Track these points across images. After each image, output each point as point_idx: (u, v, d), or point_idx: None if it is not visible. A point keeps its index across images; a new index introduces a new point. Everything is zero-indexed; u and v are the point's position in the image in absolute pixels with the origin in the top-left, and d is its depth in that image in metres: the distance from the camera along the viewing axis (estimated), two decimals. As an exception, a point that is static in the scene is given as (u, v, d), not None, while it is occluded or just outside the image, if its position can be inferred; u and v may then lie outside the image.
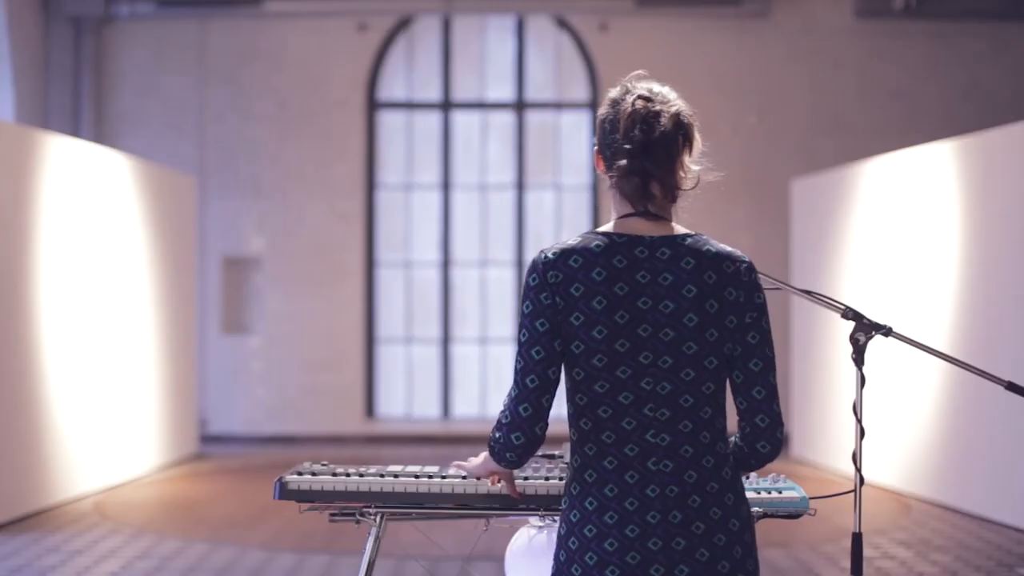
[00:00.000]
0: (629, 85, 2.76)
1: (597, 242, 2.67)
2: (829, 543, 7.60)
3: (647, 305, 2.64)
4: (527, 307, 2.67)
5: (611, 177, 2.75)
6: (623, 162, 2.69)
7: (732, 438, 2.79)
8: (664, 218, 2.72)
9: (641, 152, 2.68)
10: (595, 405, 2.65)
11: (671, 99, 2.73)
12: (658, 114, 2.69)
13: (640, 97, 2.71)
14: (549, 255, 2.68)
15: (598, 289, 2.63)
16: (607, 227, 2.74)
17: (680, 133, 2.70)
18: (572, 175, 13.57)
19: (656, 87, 2.75)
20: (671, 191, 2.71)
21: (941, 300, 9.07)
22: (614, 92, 2.76)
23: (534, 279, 2.67)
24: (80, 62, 12.77)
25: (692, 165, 2.74)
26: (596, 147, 2.79)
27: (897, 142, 11.76)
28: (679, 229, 2.73)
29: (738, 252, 2.72)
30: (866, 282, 10.26)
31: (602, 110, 2.78)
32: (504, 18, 13.59)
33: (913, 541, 7.79)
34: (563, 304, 2.64)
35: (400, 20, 13.40)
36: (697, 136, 2.75)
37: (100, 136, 12.78)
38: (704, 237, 2.71)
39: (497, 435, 2.73)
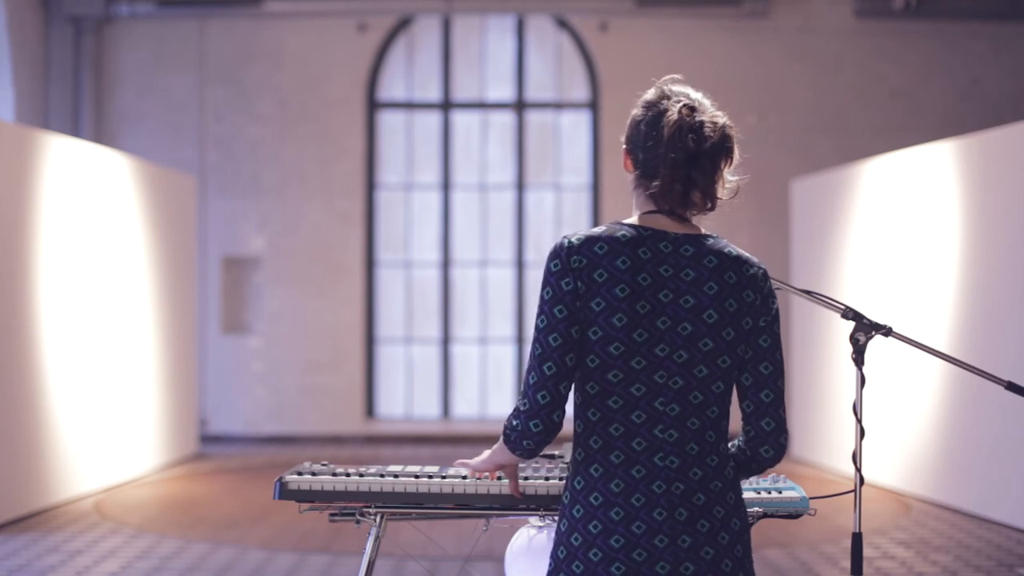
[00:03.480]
0: (667, 90, 2.77)
1: (623, 232, 2.68)
2: (829, 543, 7.61)
3: (668, 298, 2.66)
4: (547, 293, 2.67)
5: (640, 178, 2.74)
6: (667, 171, 2.69)
7: (734, 441, 2.80)
8: (687, 218, 2.75)
9: (687, 162, 2.69)
10: (606, 395, 2.66)
11: (710, 108, 2.75)
12: (702, 124, 2.71)
13: (686, 106, 2.72)
14: (573, 240, 2.68)
15: (622, 277, 2.64)
16: (632, 219, 2.75)
17: (725, 145, 2.73)
18: (572, 175, 13.57)
19: (694, 94, 2.77)
20: (712, 200, 2.74)
21: (941, 300, 9.07)
22: (649, 94, 2.77)
23: (556, 265, 2.68)
24: (80, 62, 12.77)
25: (729, 176, 2.76)
26: (625, 146, 2.79)
27: (897, 142, 11.77)
28: (700, 229, 2.75)
29: (755, 258, 2.77)
30: (866, 282, 10.26)
31: (636, 111, 2.78)
32: (504, 18, 13.59)
33: (913, 541, 7.79)
34: (585, 289, 2.64)
35: (400, 20, 13.40)
36: (736, 148, 2.76)
37: (100, 136, 12.79)
38: (723, 240, 2.76)
39: (515, 423, 2.72)
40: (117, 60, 13.04)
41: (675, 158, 2.69)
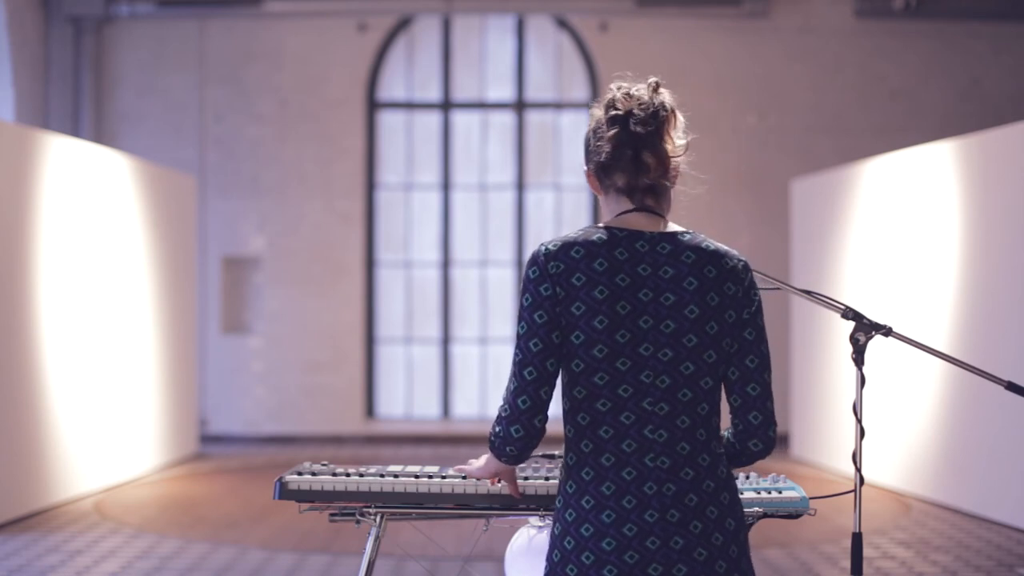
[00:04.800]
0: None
1: (598, 235, 2.69)
2: (829, 543, 7.61)
3: (648, 297, 2.65)
4: (526, 299, 2.68)
5: (604, 179, 2.75)
6: (612, 132, 2.70)
7: (724, 434, 2.79)
8: (661, 216, 2.74)
9: (626, 118, 2.70)
10: (594, 398, 2.65)
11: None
12: (632, 91, 2.74)
13: (619, 87, 2.76)
14: (550, 247, 2.69)
15: (599, 279, 2.64)
16: (606, 223, 2.74)
17: (661, 102, 2.73)
18: (572, 175, 13.57)
19: None
20: (663, 160, 2.72)
21: (941, 300, 9.07)
22: (592, 117, 2.81)
23: (534, 271, 2.68)
24: (80, 62, 12.77)
25: (678, 139, 2.75)
26: (585, 167, 2.82)
27: (897, 142, 11.77)
28: (676, 227, 2.75)
29: (734, 251, 2.76)
30: (866, 282, 10.26)
31: (585, 133, 2.82)
32: (504, 18, 13.59)
33: (913, 541, 7.79)
34: (564, 294, 2.65)
35: (400, 20, 13.40)
36: (678, 111, 2.76)
37: (100, 136, 12.78)
38: (701, 235, 2.74)
39: (497, 429, 2.73)
40: (117, 60, 13.04)
41: (614, 117, 2.71)
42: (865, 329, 3.21)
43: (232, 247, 13.13)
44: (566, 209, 13.59)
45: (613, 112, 2.72)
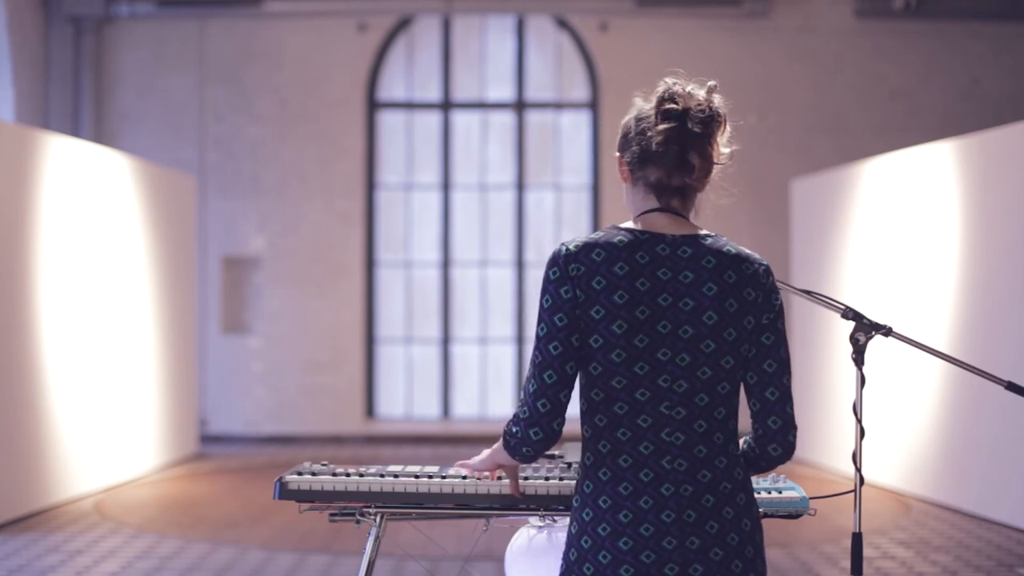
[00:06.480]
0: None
1: (620, 237, 2.67)
2: (829, 543, 7.61)
3: (667, 302, 2.64)
4: (546, 301, 2.66)
5: (637, 172, 2.73)
6: (664, 127, 2.68)
7: (744, 438, 2.79)
8: (685, 217, 2.73)
9: (683, 115, 2.69)
10: (611, 401, 2.65)
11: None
12: (688, 90, 2.74)
13: (673, 82, 2.75)
14: (571, 248, 2.67)
15: (620, 284, 2.63)
16: (628, 223, 2.73)
17: (715, 108, 2.73)
18: (572, 175, 13.57)
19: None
20: (708, 162, 2.71)
21: (941, 300, 9.07)
22: (635, 107, 2.79)
23: (555, 272, 2.66)
24: (80, 62, 12.77)
25: (723, 147, 2.76)
26: (618, 153, 2.79)
27: (897, 142, 11.77)
28: (699, 229, 2.73)
29: (756, 255, 2.74)
30: (866, 282, 10.26)
31: (625, 120, 2.79)
32: (504, 18, 13.59)
33: (913, 541, 7.79)
34: (583, 297, 2.63)
35: (400, 20, 13.40)
36: (728, 121, 2.77)
37: (100, 136, 12.79)
38: (723, 238, 2.73)
39: (515, 430, 2.72)
40: (117, 60, 13.04)
41: (667, 111, 2.70)
42: (865, 329, 3.21)
43: (232, 247, 13.13)
44: (566, 209, 13.59)
45: (670, 106, 2.70)
